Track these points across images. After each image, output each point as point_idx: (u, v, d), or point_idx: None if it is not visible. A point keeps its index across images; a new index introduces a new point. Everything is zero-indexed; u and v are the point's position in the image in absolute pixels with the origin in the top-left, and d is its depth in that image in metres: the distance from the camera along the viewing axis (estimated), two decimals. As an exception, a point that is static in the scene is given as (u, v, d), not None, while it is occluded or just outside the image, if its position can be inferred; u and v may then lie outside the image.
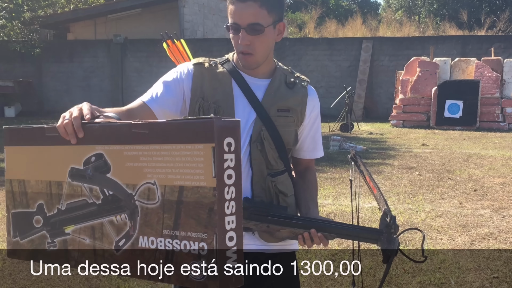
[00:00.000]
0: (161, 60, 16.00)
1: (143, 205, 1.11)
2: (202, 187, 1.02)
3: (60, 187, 1.22)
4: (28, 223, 1.28)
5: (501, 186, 5.83)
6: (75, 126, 1.17)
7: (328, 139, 9.43)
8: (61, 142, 1.21)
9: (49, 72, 16.71)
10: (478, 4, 27.07)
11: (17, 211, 1.31)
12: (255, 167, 1.55)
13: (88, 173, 1.18)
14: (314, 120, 1.66)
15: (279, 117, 1.56)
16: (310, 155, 1.71)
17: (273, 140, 1.54)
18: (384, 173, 6.63)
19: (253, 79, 1.58)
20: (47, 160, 1.24)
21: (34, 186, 1.27)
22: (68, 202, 1.21)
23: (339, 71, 15.19)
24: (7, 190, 1.32)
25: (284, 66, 1.68)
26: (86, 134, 1.18)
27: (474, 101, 11.84)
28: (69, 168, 1.20)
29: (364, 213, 4.76)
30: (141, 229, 1.11)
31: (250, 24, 1.45)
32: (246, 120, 1.55)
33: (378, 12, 34.52)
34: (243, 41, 1.46)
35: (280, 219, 1.46)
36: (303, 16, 22.63)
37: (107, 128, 1.17)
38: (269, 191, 1.56)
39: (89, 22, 17.95)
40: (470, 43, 14.36)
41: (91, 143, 1.17)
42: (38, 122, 13.76)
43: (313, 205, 1.62)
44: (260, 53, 1.51)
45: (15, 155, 1.30)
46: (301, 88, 1.62)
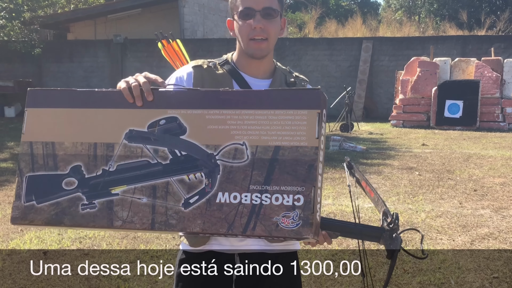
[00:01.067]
0: (161, 60, 15.95)
1: (226, 163, 1.18)
2: (302, 147, 1.14)
3: (110, 149, 1.23)
4: (54, 185, 1.26)
5: (501, 186, 5.83)
6: (144, 90, 1.22)
7: (328, 139, 9.43)
8: (112, 105, 1.25)
9: (49, 72, 16.71)
10: (478, 4, 27.07)
11: (36, 174, 1.30)
12: None
13: (154, 135, 1.21)
14: None
15: None
16: None
17: None
18: (384, 173, 6.63)
19: (254, 80, 1.57)
20: (92, 122, 1.25)
21: (68, 148, 1.26)
22: (121, 163, 1.22)
23: (339, 71, 15.19)
24: (23, 153, 1.31)
25: (282, 66, 1.68)
26: (155, 98, 1.23)
27: (474, 101, 11.84)
28: (126, 131, 1.23)
29: (364, 213, 4.76)
30: (221, 186, 1.17)
31: (265, 8, 1.46)
32: None
33: (378, 12, 34.52)
34: (258, 24, 1.46)
35: None
36: (303, 16, 22.62)
37: (183, 94, 1.24)
38: None
39: (89, 22, 17.95)
40: (470, 43, 14.36)
41: (161, 107, 1.22)
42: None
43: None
44: (272, 39, 1.51)
45: (41, 117, 1.29)
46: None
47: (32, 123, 1.30)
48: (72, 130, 1.26)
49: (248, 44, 1.51)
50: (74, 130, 1.26)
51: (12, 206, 1.35)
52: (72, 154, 1.26)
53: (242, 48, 1.54)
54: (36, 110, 1.30)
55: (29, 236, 4.16)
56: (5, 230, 4.38)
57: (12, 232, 4.32)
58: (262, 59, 1.54)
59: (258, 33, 1.48)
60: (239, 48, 1.57)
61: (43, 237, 4.16)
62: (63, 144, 1.26)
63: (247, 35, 1.49)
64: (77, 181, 1.24)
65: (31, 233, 4.24)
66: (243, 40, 1.51)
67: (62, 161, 1.26)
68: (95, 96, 1.27)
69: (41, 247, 3.92)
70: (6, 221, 4.65)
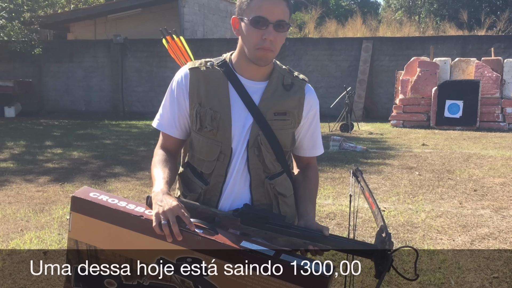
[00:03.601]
0: (161, 60, 16.00)
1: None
2: None
3: (142, 268, 1.44)
4: (97, 281, 1.48)
5: (501, 186, 5.83)
6: (174, 232, 1.34)
7: (328, 139, 9.43)
8: (146, 232, 1.41)
9: (49, 72, 16.71)
10: (478, 4, 27.07)
11: (82, 266, 1.51)
12: (253, 171, 1.56)
13: (182, 268, 1.41)
14: (312, 119, 1.66)
15: (276, 121, 1.55)
16: (310, 153, 1.71)
17: (270, 144, 1.54)
18: (384, 173, 6.63)
19: (249, 82, 1.57)
20: (129, 241, 1.43)
21: (109, 256, 1.46)
22: (153, 281, 1.44)
23: (339, 71, 15.19)
24: (71, 248, 1.50)
25: (282, 65, 1.67)
26: (183, 238, 1.37)
27: (474, 101, 11.84)
28: (158, 257, 1.41)
29: (364, 213, 4.76)
30: None
31: (279, 21, 1.46)
32: (243, 124, 1.54)
33: (378, 12, 34.52)
34: (270, 36, 1.46)
35: (278, 228, 1.46)
36: (303, 16, 22.63)
37: (209, 242, 1.37)
38: (268, 194, 1.58)
39: (89, 22, 17.95)
40: (470, 43, 14.36)
41: (188, 247, 1.38)
42: (38, 123, 13.77)
43: (311, 207, 1.61)
44: (277, 51, 1.52)
45: (84, 223, 1.46)
46: (298, 90, 1.61)
47: (76, 225, 1.48)
48: (112, 242, 1.44)
49: (255, 53, 1.50)
50: (113, 243, 1.45)
51: (63, 286, 1.57)
52: (111, 261, 1.46)
53: (246, 52, 1.53)
54: (80, 216, 1.47)
55: (29, 236, 4.16)
56: (5, 230, 4.38)
57: (12, 232, 4.32)
58: (264, 66, 1.55)
59: (267, 45, 1.47)
60: (241, 50, 1.57)
61: (43, 237, 4.16)
62: (104, 251, 1.46)
63: (256, 43, 1.48)
64: (116, 284, 1.47)
65: (31, 233, 4.24)
66: (250, 47, 1.50)
67: (103, 263, 1.47)
68: (132, 219, 1.43)
69: (41, 247, 3.92)
70: (6, 221, 4.66)
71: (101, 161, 7.76)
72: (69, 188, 5.89)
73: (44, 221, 4.62)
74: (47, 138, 10.29)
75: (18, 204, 5.21)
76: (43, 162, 7.61)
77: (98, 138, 10.42)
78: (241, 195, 1.57)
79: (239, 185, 1.56)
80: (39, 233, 4.24)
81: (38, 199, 5.43)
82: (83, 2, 19.54)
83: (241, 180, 1.56)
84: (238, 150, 1.55)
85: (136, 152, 8.62)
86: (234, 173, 1.56)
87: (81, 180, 6.33)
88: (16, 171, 6.91)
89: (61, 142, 9.74)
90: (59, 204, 5.19)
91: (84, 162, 7.69)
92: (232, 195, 1.57)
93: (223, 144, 1.55)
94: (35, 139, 10.14)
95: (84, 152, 8.54)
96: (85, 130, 11.79)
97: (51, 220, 4.63)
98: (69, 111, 16.40)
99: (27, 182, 6.22)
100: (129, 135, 11.06)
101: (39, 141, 9.93)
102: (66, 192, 5.72)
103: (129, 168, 7.02)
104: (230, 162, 1.56)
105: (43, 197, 5.50)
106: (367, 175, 6.49)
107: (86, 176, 6.57)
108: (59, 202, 5.30)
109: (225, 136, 1.54)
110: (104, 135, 10.98)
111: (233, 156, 1.55)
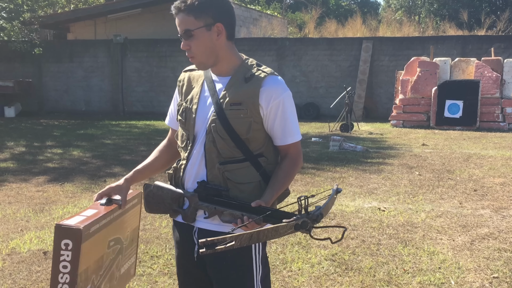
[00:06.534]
0: (161, 60, 16.00)
1: None
2: None
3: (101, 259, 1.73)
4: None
5: (501, 186, 5.83)
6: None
7: (328, 139, 9.43)
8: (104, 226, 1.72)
9: (49, 72, 16.70)
10: (478, 4, 27.07)
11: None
12: (208, 155, 1.76)
13: None
14: (276, 109, 1.74)
15: (231, 111, 1.72)
16: (282, 141, 1.80)
17: (226, 131, 1.72)
18: (384, 173, 6.63)
19: (218, 78, 1.80)
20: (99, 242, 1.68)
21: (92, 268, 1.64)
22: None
23: (339, 71, 15.18)
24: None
25: (252, 61, 1.81)
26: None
27: (474, 101, 11.84)
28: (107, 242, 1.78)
29: (364, 213, 4.76)
30: None
31: (183, 32, 1.70)
32: (206, 114, 1.77)
33: (378, 12, 34.53)
34: (183, 47, 1.73)
35: (222, 201, 1.67)
36: (303, 16, 22.62)
37: None
38: (219, 177, 1.75)
39: (89, 22, 17.94)
40: (470, 43, 14.35)
41: None
42: (38, 123, 13.77)
43: (268, 192, 1.72)
44: (199, 54, 1.73)
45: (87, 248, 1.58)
46: (256, 82, 1.73)
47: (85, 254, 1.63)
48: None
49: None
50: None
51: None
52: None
53: None
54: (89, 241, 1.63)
55: (29, 236, 4.16)
56: (5, 230, 4.38)
57: (12, 232, 4.32)
58: (206, 69, 1.80)
59: (188, 53, 1.73)
60: None
61: (43, 237, 4.16)
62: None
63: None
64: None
65: (31, 233, 4.24)
66: None
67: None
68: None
69: (41, 247, 3.92)
70: (6, 221, 4.65)
71: (101, 161, 7.76)
72: (69, 188, 5.89)
73: (44, 221, 4.62)
74: (47, 138, 10.29)
75: (18, 204, 5.21)
76: (43, 162, 7.61)
77: (98, 138, 10.42)
78: (199, 175, 1.78)
79: (198, 167, 1.78)
80: (39, 233, 4.24)
81: (38, 199, 5.43)
82: (83, 2, 19.54)
83: (200, 163, 1.78)
84: (199, 136, 1.79)
85: (136, 152, 8.62)
86: (194, 156, 1.79)
87: (81, 180, 6.33)
88: (16, 171, 6.91)
89: (61, 142, 9.74)
90: (59, 204, 5.19)
91: (84, 162, 7.69)
92: (193, 174, 1.79)
93: (189, 132, 1.81)
94: (35, 139, 10.14)
95: (84, 152, 8.54)
96: (85, 130, 11.79)
97: (51, 220, 4.62)
98: (69, 111, 16.39)
99: (27, 182, 6.22)
100: (129, 135, 11.06)
101: (39, 141, 9.93)
102: (66, 192, 5.72)
103: (129, 168, 6.99)
104: (193, 147, 1.80)
105: (43, 197, 5.50)
106: (367, 175, 6.49)
107: (86, 176, 6.57)
108: (59, 202, 5.30)
109: (190, 125, 1.80)
110: (104, 135, 10.98)
111: (196, 142, 1.79)
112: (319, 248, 3.82)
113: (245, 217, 1.60)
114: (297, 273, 3.38)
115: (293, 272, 3.40)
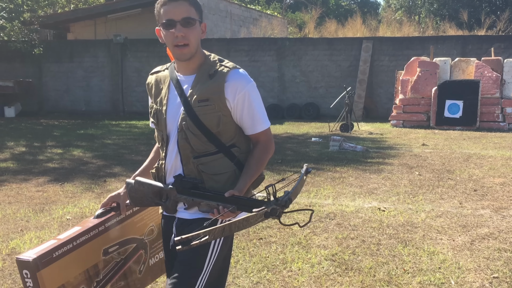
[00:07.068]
0: (161, 60, 15.95)
1: None
2: None
3: (96, 267, 1.89)
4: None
5: (501, 186, 5.83)
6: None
7: (328, 139, 9.43)
8: (90, 240, 1.87)
9: (49, 72, 16.71)
10: (478, 4, 27.08)
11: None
12: (182, 151, 1.83)
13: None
14: (243, 101, 1.82)
15: (199, 107, 1.79)
16: (252, 130, 1.88)
17: (198, 127, 1.79)
18: (384, 173, 6.63)
19: (184, 77, 1.86)
20: (81, 257, 1.82)
21: (73, 282, 1.81)
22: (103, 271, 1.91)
23: (339, 71, 15.19)
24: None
25: (215, 57, 1.88)
26: None
27: (474, 101, 11.83)
28: (102, 250, 1.91)
29: (364, 213, 4.76)
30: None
31: (185, 18, 1.74)
32: (176, 114, 1.84)
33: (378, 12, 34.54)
34: (179, 32, 1.74)
35: (198, 193, 1.74)
36: (303, 16, 22.63)
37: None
38: (194, 170, 1.83)
39: (89, 22, 17.94)
40: (470, 43, 14.36)
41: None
42: (38, 123, 13.77)
43: (242, 179, 1.80)
44: (193, 44, 1.78)
45: (49, 273, 1.72)
46: (219, 77, 1.80)
47: (45, 281, 1.76)
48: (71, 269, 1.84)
49: (174, 51, 1.79)
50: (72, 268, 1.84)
51: None
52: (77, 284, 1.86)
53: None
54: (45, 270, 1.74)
55: (29, 236, 4.16)
56: (5, 230, 4.38)
57: (12, 232, 4.32)
58: (188, 61, 1.82)
59: (180, 40, 1.76)
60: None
61: (43, 237, 4.16)
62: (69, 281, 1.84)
63: (171, 42, 1.78)
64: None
65: (31, 233, 4.24)
66: (170, 47, 1.80)
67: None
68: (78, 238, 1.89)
69: (41, 247, 3.91)
70: (6, 221, 4.66)
71: (101, 161, 7.76)
72: (69, 188, 5.89)
73: (44, 221, 4.62)
74: (47, 138, 10.29)
75: (18, 204, 5.21)
76: (43, 162, 7.61)
77: (98, 138, 10.42)
78: (177, 171, 1.86)
79: (175, 163, 1.86)
80: (39, 233, 4.24)
81: (38, 199, 5.43)
82: (83, 2, 19.54)
83: (176, 159, 1.86)
84: (172, 135, 1.86)
85: (136, 152, 8.61)
86: (169, 154, 1.88)
87: (81, 180, 6.33)
88: (16, 171, 6.91)
89: (61, 142, 9.74)
90: (59, 204, 5.19)
91: (84, 162, 7.69)
92: (172, 171, 1.88)
93: (163, 133, 1.89)
94: (35, 139, 10.14)
95: (84, 152, 8.54)
96: (85, 130, 11.79)
97: (51, 220, 4.63)
98: (69, 111, 16.39)
99: (27, 182, 6.22)
100: (129, 135, 11.06)
101: (39, 141, 9.94)
102: (66, 192, 5.72)
103: (129, 168, 7.01)
104: (168, 145, 1.88)
105: (43, 197, 5.50)
106: (367, 175, 6.49)
107: (86, 176, 6.57)
108: (59, 202, 5.30)
109: (162, 126, 1.88)
110: (104, 135, 10.98)
111: (170, 141, 1.87)
112: (319, 248, 3.82)
113: (221, 207, 1.67)
114: (297, 273, 3.38)
115: (293, 272, 3.40)
